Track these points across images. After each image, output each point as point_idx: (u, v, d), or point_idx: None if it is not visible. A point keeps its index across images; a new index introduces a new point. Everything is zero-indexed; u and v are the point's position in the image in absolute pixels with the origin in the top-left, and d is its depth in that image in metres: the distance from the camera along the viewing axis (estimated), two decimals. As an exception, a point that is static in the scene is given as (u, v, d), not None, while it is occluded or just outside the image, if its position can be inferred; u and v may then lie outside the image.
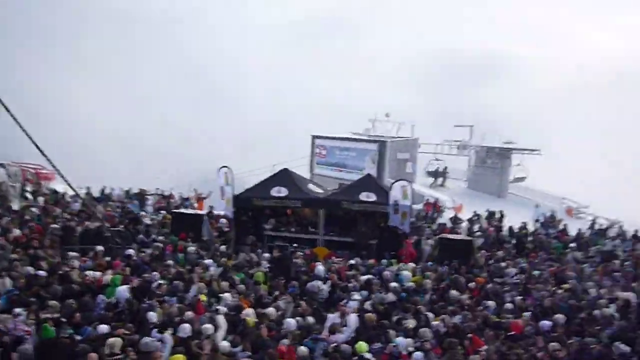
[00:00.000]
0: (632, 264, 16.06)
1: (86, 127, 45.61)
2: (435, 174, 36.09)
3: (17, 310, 8.86)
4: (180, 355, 7.66)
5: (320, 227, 17.73)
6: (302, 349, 8.35)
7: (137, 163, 41.00)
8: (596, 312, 11.55)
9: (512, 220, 22.93)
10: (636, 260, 16.65)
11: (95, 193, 22.68)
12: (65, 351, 7.59)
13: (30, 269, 11.27)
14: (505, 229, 21.74)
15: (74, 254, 13.19)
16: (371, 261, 14.76)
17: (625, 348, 9.44)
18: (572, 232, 21.72)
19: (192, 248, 14.63)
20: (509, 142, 34.18)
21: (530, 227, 22.54)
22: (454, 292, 12.12)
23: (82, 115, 47.38)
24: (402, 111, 38.22)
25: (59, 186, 21.50)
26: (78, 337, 8.30)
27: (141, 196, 23.28)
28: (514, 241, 19.35)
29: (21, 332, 8.14)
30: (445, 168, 36.28)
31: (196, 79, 56.79)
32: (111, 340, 7.81)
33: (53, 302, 9.36)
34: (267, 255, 14.68)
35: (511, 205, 29.13)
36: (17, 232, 14.80)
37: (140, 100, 51.67)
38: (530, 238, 19.99)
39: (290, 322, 9.52)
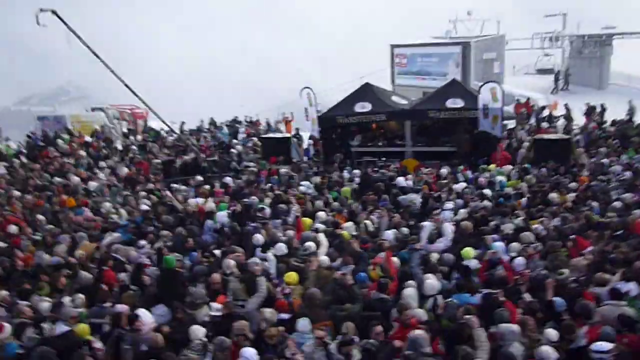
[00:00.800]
0: None
1: (170, 62, 46.93)
2: (555, 76, 32.06)
3: (141, 242, 9.79)
4: (294, 273, 8.12)
5: (408, 138, 17.51)
6: (396, 260, 8.55)
7: (220, 92, 41.90)
8: None
9: (616, 113, 21.25)
10: None
11: (192, 126, 23.75)
12: (182, 278, 8.29)
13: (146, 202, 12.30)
14: (607, 123, 20.26)
15: (177, 185, 14.15)
16: (462, 168, 14.51)
17: None
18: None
19: (284, 170, 15.11)
20: (608, 27, 31.01)
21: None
22: (553, 195, 11.69)
23: (164, 51, 48.67)
24: (485, 8, 35.57)
25: (154, 123, 22.72)
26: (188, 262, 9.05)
27: (231, 125, 24.06)
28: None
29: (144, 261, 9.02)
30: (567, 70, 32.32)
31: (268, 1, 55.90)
32: (226, 261, 8.42)
33: (165, 232, 10.21)
34: (356, 171, 14.84)
35: (614, 96, 26.88)
36: (124, 170, 16.02)
37: (219, 30, 51.93)
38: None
39: (388, 234, 9.73)
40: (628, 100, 22.33)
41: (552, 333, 6.09)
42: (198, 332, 6.35)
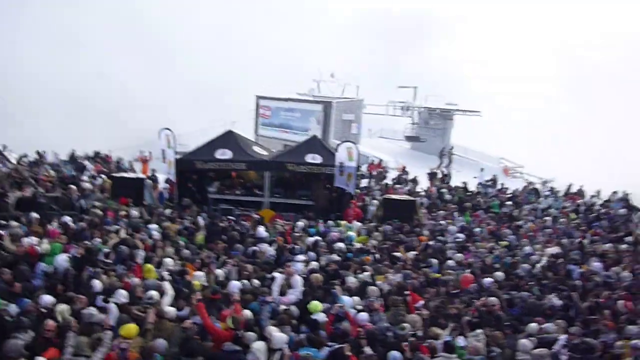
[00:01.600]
0: (564, 221, 17.01)
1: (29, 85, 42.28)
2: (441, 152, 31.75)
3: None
4: (133, 325, 7.50)
5: (266, 189, 17.65)
6: (247, 312, 8.37)
7: (79, 121, 38.69)
8: (526, 266, 12.25)
9: (454, 180, 23.65)
10: (566, 216, 17.67)
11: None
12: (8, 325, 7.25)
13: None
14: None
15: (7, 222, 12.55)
16: (316, 223, 14.95)
17: (557, 301, 10.05)
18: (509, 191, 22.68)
19: (135, 212, 14.24)
20: (450, 103, 34.92)
21: (473, 187, 23.32)
22: (397, 252, 12.47)
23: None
24: (347, 72, 38.16)
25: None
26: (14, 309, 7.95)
27: (78, 160, 22.26)
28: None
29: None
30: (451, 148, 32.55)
31: (135, 28, 53.82)
32: (60, 307, 7.56)
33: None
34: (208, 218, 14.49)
35: (453, 165, 30.02)
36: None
37: (83, 52, 48.29)
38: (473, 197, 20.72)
39: (235, 285, 9.52)
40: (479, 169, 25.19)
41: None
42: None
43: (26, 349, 6.65)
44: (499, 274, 11.33)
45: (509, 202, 20.17)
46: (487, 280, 10.84)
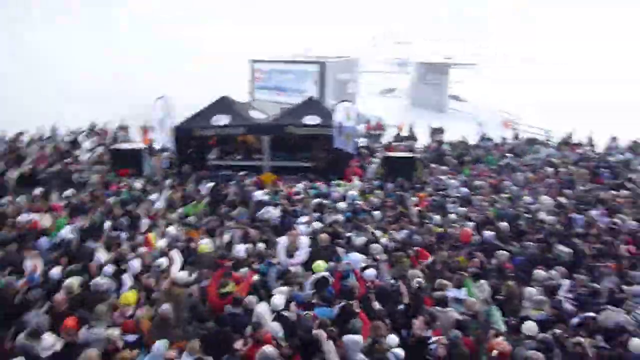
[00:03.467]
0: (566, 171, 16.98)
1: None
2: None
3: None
4: (130, 293, 7.59)
5: (266, 153, 17.58)
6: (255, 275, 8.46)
7: (69, 96, 38.08)
8: (528, 216, 12.33)
9: (453, 134, 23.51)
10: (567, 166, 17.65)
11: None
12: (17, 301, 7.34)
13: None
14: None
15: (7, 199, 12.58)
16: (318, 184, 14.96)
17: (564, 249, 10.13)
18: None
19: (137, 184, 14.25)
20: (447, 57, 34.49)
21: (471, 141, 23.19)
22: (400, 208, 12.53)
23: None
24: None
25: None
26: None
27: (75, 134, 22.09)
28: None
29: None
30: None
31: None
32: (67, 281, 7.63)
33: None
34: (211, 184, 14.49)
35: (451, 119, 29.82)
36: None
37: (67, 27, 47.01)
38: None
39: (240, 249, 9.59)
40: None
41: (394, 338, 6.63)
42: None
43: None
44: (504, 224, 11.39)
45: (509, 154, 20.10)
46: (489, 233, 10.92)
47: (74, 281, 7.67)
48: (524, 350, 6.55)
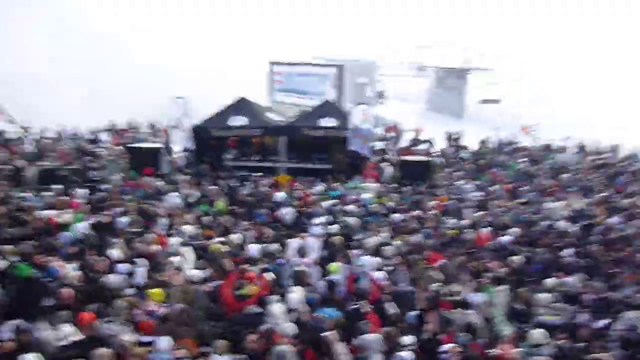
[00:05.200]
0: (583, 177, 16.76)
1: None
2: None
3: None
4: (158, 290, 7.68)
5: (282, 154, 17.64)
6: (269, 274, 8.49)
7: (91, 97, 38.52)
8: (546, 223, 12.17)
9: (470, 139, 23.32)
10: (585, 173, 17.41)
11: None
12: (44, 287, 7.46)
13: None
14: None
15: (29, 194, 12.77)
16: (335, 185, 14.97)
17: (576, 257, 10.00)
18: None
19: (159, 183, 14.41)
20: (466, 62, 34.27)
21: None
22: (416, 212, 12.48)
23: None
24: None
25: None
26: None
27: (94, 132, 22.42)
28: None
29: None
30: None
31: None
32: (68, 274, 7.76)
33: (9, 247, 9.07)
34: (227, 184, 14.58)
35: (469, 124, 29.58)
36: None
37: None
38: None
39: (252, 248, 9.62)
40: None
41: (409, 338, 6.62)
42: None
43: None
44: (515, 230, 11.27)
45: (526, 160, 19.88)
46: (506, 238, 10.81)
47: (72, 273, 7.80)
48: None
